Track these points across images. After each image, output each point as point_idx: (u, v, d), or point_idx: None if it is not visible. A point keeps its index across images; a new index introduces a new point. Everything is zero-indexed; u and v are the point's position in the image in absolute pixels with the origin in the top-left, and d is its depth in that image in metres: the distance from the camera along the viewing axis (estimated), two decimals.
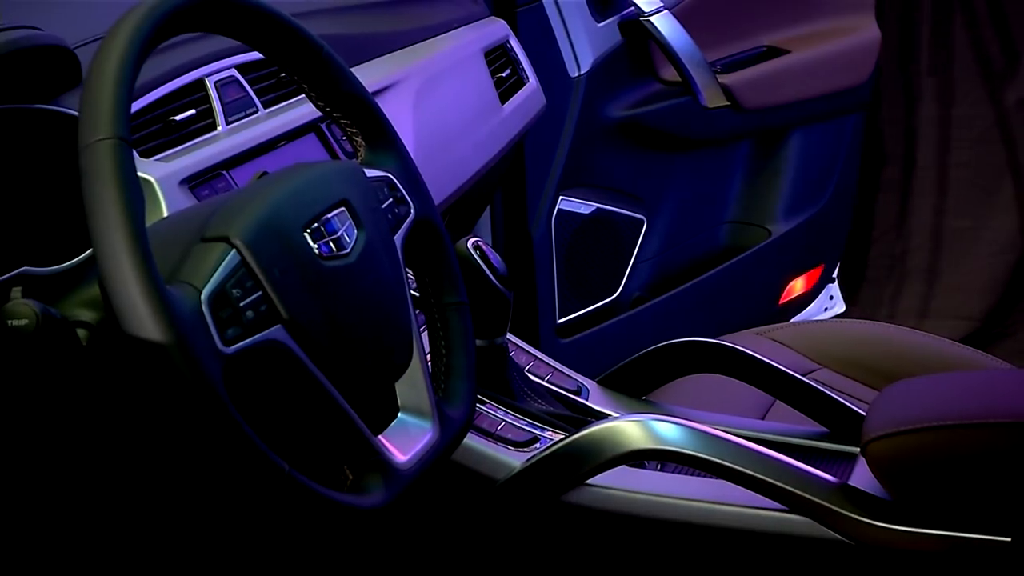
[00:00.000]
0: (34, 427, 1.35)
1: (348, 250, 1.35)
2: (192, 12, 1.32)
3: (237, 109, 1.76)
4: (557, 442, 1.74)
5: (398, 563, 1.88)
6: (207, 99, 1.73)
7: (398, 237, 1.46)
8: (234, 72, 1.78)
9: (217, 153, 1.68)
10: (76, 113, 1.39)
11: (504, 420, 1.83)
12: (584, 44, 2.73)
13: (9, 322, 1.21)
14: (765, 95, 2.90)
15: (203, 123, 1.71)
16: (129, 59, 1.23)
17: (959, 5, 3.48)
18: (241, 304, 1.23)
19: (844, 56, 3.02)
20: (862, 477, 1.62)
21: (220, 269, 1.23)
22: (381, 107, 1.54)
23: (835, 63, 3.01)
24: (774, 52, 2.97)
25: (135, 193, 1.18)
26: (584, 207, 2.84)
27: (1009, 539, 1.35)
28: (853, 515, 1.57)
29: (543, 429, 1.83)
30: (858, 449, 1.63)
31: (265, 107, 1.80)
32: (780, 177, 3.11)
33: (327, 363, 1.29)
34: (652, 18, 2.74)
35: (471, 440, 1.74)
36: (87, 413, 1.35)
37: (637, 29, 2.77)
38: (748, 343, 2.01)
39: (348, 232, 1.36)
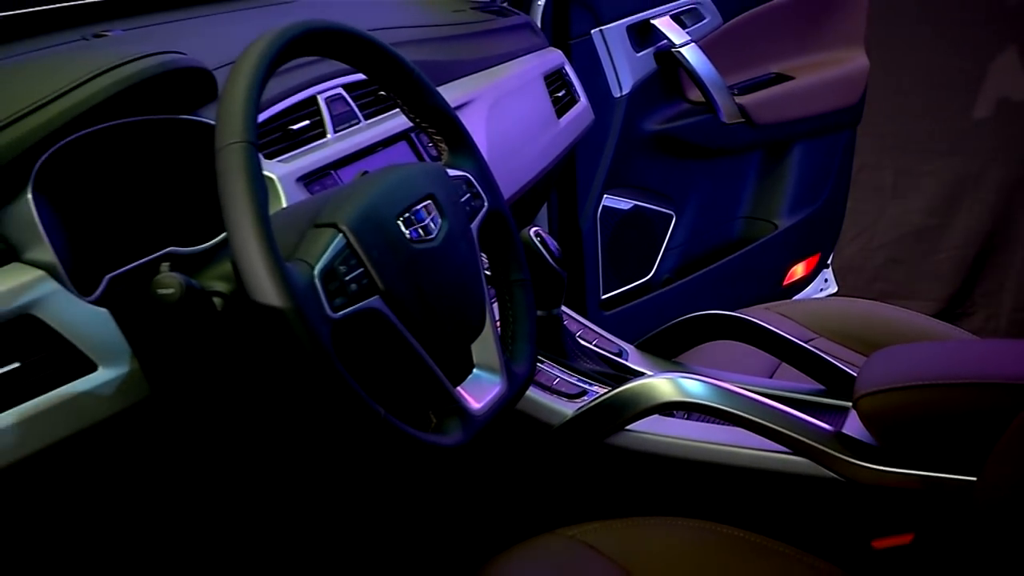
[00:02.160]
0: (182, 380, 1.34)
1: (433, 236, 1.35)
2: (307, 41, 1.33)
3: (343, 120, 1.76)
4: (602, 395, 1.74)
5: (470, 496, 1.88)
6: (319, 112, 1.73)
7: (474, 226, 1.45)
8: (341, 90, 1.78)
9: (326, 156, 1.68)
10: (213, 122, 1.39)
11: (559, 376, 1.83)
12: (625, 70, 2.72)
13: (158, 291, 1.21)
14: (774, 113, 2.88)
15: (315, 132, 1.71)
16: (257, 78, 1.23)
17: (931, 43, 3.51)
18: (346, 278, 1.23)
19: (839, 81, 3.00)
20: (853, 426, 1.61)
21: (329, 249, 1.23)
22: (461, 119, 1.53)
23: (831, 87, 2.99)
24: (781, 78, 2.95)
25: (261, 187, 1.18)
26: (624, 204, 2.83)
27: (974, 478, 1.33)
28: (845, 457, 1.57)
29: (591, 384, 1.83)
30: (850, 404, 1.63)
31: (366, 119, 1.79)
32: (785, 181, 3.09)
33: (416, 327, 1.29)
34: (681, 49, 2.73)
35: (532, 392, 1.75)
36: (220, 368, 1.35)
37: (669, 58, 2.76)
38: (758, 316, 2.01)
39: (434, 221, 1.36)
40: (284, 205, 1.52)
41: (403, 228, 1.31)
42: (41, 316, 1.23)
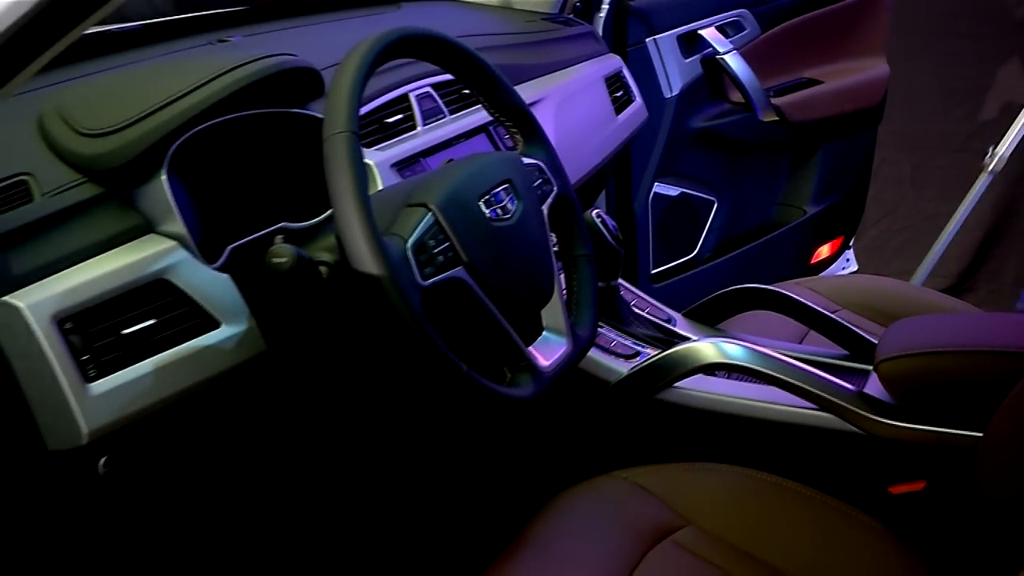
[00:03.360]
0: (292, 337, 1.35)
1: (510, 215, 1.34)
2: (402, 45, 1.33)
3: (431, 115, 1.75)
4: (653, 356, 1.74)
5: (538, 442, 1.88)
6: (410, 107, 1.72)
7: (545, 207, 1.44)
8: (429, 89, 1.77)
9: (416, 146, 1.67)
10: (320, 115, 1.39)
11: (616, 339, 1.83)
12: (675, 74, 2.70)
13: (273, 260, 1.21)
14: (805, 113, 2.84)
15: (407, 124, 1.70)
16: (359, 77, 1.23)
17: (944, 54, 3.48)
18: (434, 251, 1.23)
19: (862, 86, 2.96)
20: (873, 387, 1.59)
21: (420, 226, 1.23)
22: (534, 114, 1.52)
23: (856, 91, 2.95)
24: (812, 82, 2.91)
25: (361, 171, 1.18)
26: (672, 191, 2.81)
27: (980, 434, 1.32)
28: (867, 414, 1.55)
29: (643, 347, 1.82)
30: (871, 367, 1.61)
31: (450, 114, 1.78)
32: (813, 172, 3.06)
33: (494, 294, 1.29)
34: (725, 56, 2.70)
35: (592, 353, 1.75)
36: (325, 327, 1.35)
37: (714, 64, 2.73)
38: (789, 289, 1.98)
39: (510, 202, 1.35)
40: (380, 187, 1.52)
41: (484, 208, 1.31)
42: (173, 280, 1.24)
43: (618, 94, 2.31)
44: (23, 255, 1.16)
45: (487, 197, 1.32)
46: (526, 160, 1.46)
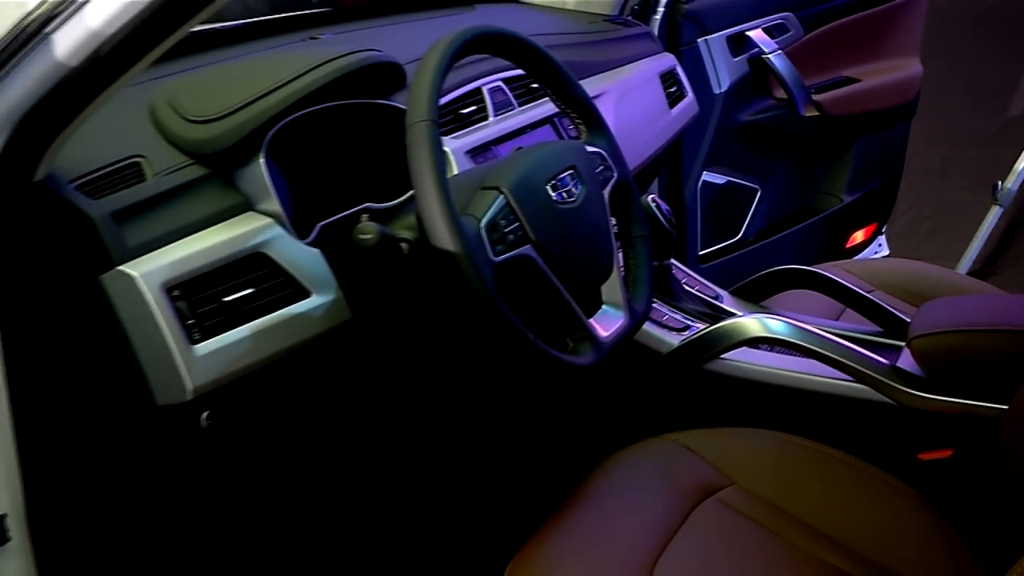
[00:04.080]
0: (375, 307, 1.35)
1: (574, 199, 1.33)
2: (478, 42, 1.32)
3: (501, 107, 1.74)
4: (702, 330, 1.73)
5: (596, 406, 1.87)
6: (483, 100, 1.71)
7: (605, 192, 1.43)
8: (500, 83, 1.76)
9: (488, 135, 1.67)
10: (401, 106, 1.39)
11: (667, 314, 1.81)
12: (724, 72, 2.67)
13: (359, 236, 1.21)
14: (843, 108, 2.80)
15: (479, 115, 1.69)
16: (439, 71, 1.23)
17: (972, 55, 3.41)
18: (505, 230, 1.23)
19: (897, 84, 2.91)
20: (905, 362, 1.57)
21: (493, 207, 1.22)
22: (596, 106, 1.51)
23: (891, 88, 2.90)
24: (850, 80, 2.87)
25: (440, 157, 1.18)
26: (719, 179, 2.78)
27: (1005, 407, 1.29)
28: (899, 386, 1.53)
29: (693, 321, 1.81)
30: (903, 343, 1.59)
31: (519, 106, 1.77)
32: (850, 163, 3.01)
33: (558, 271, 1.28)
34: (770, 56, 2.67)
35: (646, 326, 1.74)
36: (405, 298, 1.35)
37: (760, 63, 2.69)
38: (827, 270, 1.96)
39: (575, 187, 1.34)
40: (456, 172, 1.52)
41: (551, 192, 1.30)
42: (269, 253, 1.25)
43: (672, 90, 2.29)
44: (137, 229, 1.17)
45: (554, 181, 1.31)
46: (589, 148, 1.45)
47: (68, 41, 0.98)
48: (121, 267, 1.13)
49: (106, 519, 1.28)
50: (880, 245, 3.31)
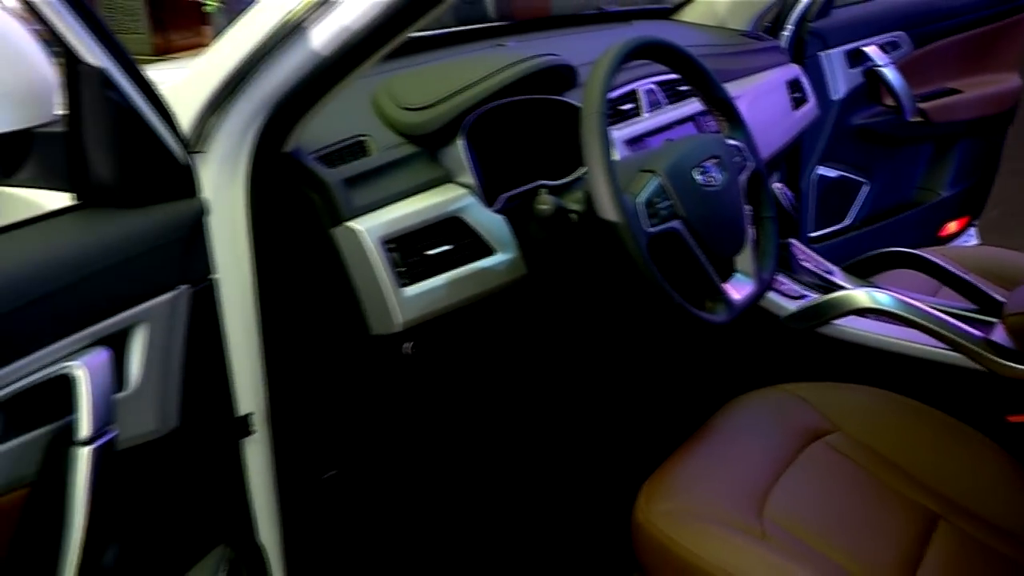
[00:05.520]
0: (548, 265, 1.35)
1: (716, 183, 1.30)
2: (643, 50, 1.31)
3: (653, 105, 1.72)
4: (816, 299, 1.67)
5: (723, 358, 1.83)
6: (637, 99, 1.69)
7: (741, 178, 1.39)
8: (652, 85, 1.73)
9: (642, 128, 1.64)
10: (573, 102, 1.38)
11: (787, 283, 1.76)
12: (841, 81, 2.56)
13: (539, 207, 1.22)
14: (946, 115, 2.66)
15: (634, 112, 1.67)
16: (611, 71, 1.22)
17: None
18: (658, 207, 1.21)
19: (996, 96, 2.74)
20: (998, 335, 1.48)
21: (649, 187, 1.21)
22: (737, 106, 1.47)
23: (990, 99, 2.74)
24: (952, 91, 2.71)
25: (607, 143, 1.17)
26: (832, 173, 2.67)
27: None
28: (992, 356, 1.45)
29: (808, 291, 1.75)
30: (995, 320, 1.50)
31: (669, 104, 1.74)
32: (950, 164, 2.85)
33: (700, 242, 1.25)
34: (882, 68, 2.55)
35: (769, 292, 1.68)
36: (572, 259, 1.34)
37: (873, 75, 2.57)
38: (927, 253, 1.86)
39: (717, 173, 1.31)
40: (617, 157, 1.50)
41: (697, 176, 1.27)
42: (463, 217, 1.26)
43: (796, 95, 2.21)
44: (361, 193, 1.20)
45: (700, 168, 1.28)
46: (729, 141, 1.41)
47: (323, 35, 1.00)
48: (348, 223, 1.16)
49: (326, 420, 1.32)
50: (971, 236, 3.13)
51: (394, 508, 1.50)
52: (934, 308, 1.56)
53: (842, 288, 1.73)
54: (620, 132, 1.57)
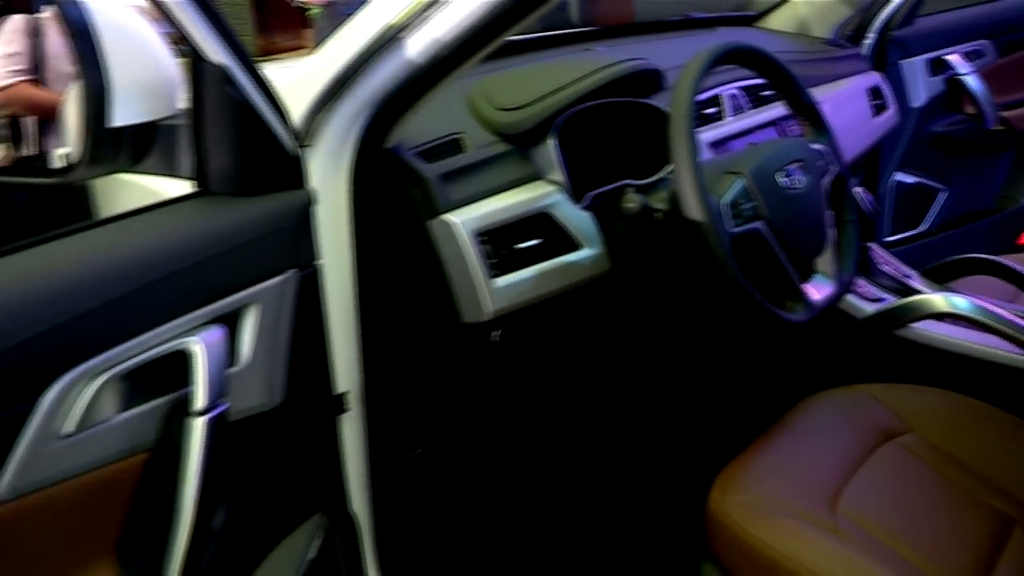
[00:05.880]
0: (631, 262, 1.34)
1: (799, 186, 1.27)
2: (732, 55, 1.29)
3: (736, 110, 1.68)
4: (894, 302, 1.62)
5: (799, 357, 1.80)
6: (720, 104, 1.66)
7: (824, 182, 1.35)
8: (735, 90, 1.70)
9: (726, 131, 1.62)
10: (659, 105, 1.36)
11: (865, 286, 1.71)
12: (922, 89, 2.48)
13: (626, 205, 1.21)
14: None
15: (717, 116, 1.64)
16: (699, 76, 1.20)
17: None
18: (742, 208, 1.18)
19: None
20: None
21: (734, 188, 1.19)
22: (823, 111, 1.43)
23: None
24: None
25: (694, 145, 1.15)
26: (909, 179, 2.59)
27: None
28: None
29: (886, 294, 1.70)
30: None
31: (752, 109, 1.71)
32: None
33: (783, 243, 1.23)
34: (964, 76, 2.46)
35: (847, 294, 1.63)
36: (656, 257, 1.33)
37: (955, 83, 2.49)
38: (1006, 260, 1.79)
39: (800, 176, 1.28)
40: (700, 159, 1.48)
41: (781, 179, 1.24)
42: (552, 213, 1.25)
43: (876, 102, 2.15)
44: (457, 188, 1.20)
45: (784, 171, 1.25)
46: (813, 146, 1.38)
47: (418, 45, 1.01)
48: (444, 216, 1.17)
49: (415, 401, 1.34)
50: None
51: (474, 487, 1.51)
52: (1012, 313, 1.50)
53: (920, 292, 1.68)
54: (704, 135, 1.55)
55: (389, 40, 1.01)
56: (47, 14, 1.59)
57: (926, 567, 1.06)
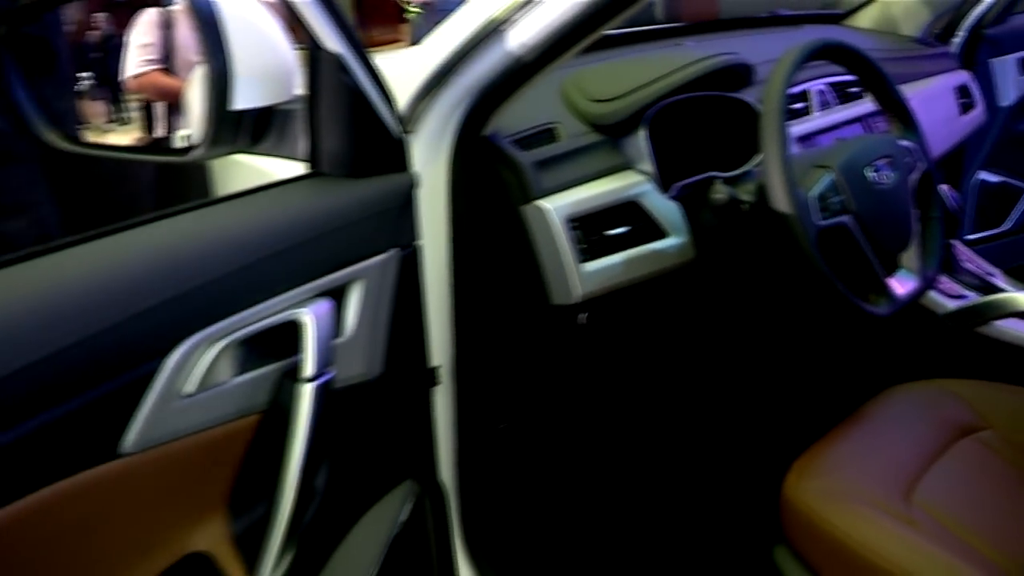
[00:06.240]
0: (716, 252, 1.32)
1: (887, 181, 1.23)
2: (824, 51, 1.26)
3: (823, 105, 1.64)
4: (976, 299, 1.56)
5: (881, 349, 1.74)
6: (808, 99, 1.62)
7: (911, 178, 1.31)
8: (823, 86, 1.65)
9: (814, 126, 1.58)
10: (747, 100, 1.33)
11: (948, 282, 1.65)
12: (1011, 88, 2.37)
13: (714, 196, 1.19)
14: None
15: (804, 111, 1.60)
16: (791, 71, 1.18)
17: None
18: (830, 201, 1.15)
19: None
20: None
21: (822, 181, 1.16)
22: (912, 109, 1.38)
23: None
24: None
25: (784, 138, 1.12)
26: (994, 178, 2.48)
27: None
28: None
29: (968, 291, 1.64)
30: None
31: (839, 105, 1.66)
32: None
33: (869, 237, 1.19)
34: None
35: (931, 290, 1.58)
36: (742, 248, 1.31)
37: None
38: None
39: (888, 172, 1.24)
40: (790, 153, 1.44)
41: (869, 174, 1.21)
42: (640, 202, 1.24)
43: (964, 100, 2.07)
44: (550, 175, 1.20)
45: (872, 166, 1.22)
46: (901, 143, 1.33)
47: (517, 38, 1.01)
48: (537, 202, 1.17)
49: (502, 378, 1.34)
50: None
51: (555, 463, 1.51)
52: None
53: (1003, 290, 1.61)
54: (791, 129, 1.51)
55: (491, 33, 1.01)
56: (178, 6, 1.64)
57: (1001, 561, 1.03)
